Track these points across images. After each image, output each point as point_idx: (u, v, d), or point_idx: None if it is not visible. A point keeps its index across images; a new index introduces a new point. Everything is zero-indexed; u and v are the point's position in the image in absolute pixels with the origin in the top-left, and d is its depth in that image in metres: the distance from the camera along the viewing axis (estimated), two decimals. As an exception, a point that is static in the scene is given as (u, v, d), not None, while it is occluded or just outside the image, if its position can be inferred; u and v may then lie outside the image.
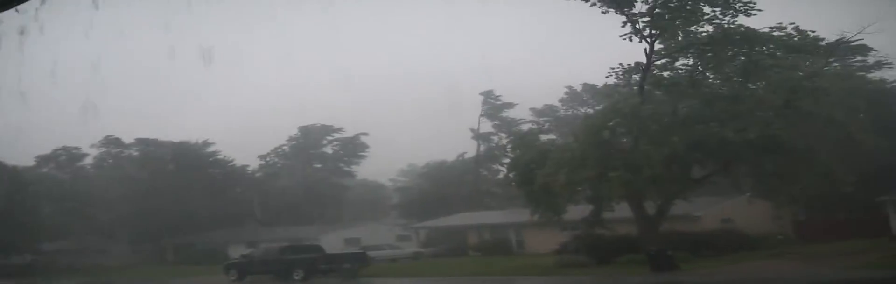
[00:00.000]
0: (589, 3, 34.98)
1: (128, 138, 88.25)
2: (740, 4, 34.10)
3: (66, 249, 76.09)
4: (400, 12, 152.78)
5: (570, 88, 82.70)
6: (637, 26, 35.23)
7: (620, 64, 38.13)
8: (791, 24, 34.26)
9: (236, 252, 57.92)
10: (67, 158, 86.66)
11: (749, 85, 35.64)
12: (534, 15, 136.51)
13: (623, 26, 35.58)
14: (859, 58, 53.80)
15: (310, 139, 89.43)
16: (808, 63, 36.46)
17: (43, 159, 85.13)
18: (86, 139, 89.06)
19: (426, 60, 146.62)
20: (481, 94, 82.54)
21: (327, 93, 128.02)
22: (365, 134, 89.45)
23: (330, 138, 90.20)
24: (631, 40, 35.56)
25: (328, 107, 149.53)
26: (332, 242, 60.28)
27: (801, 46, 34.33)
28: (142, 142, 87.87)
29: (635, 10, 35.01)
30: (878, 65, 54.24)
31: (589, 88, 78.92)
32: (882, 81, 52.90)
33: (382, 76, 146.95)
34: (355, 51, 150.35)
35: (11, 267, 66.64)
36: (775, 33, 34.00)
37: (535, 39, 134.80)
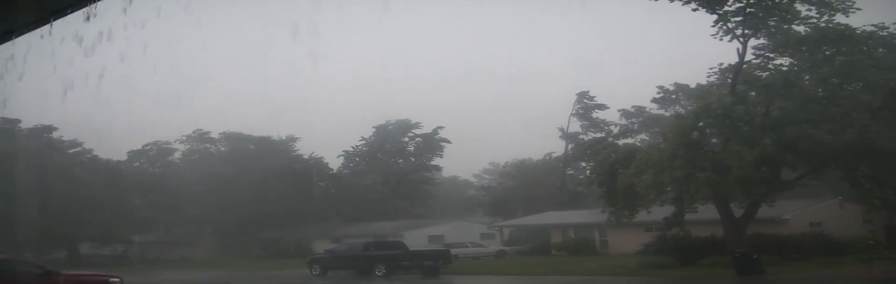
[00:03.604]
0: (681, 3, 34.62)
1: (213, 133, 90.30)
2: (839, 3, 33.39)
3: (156, 241, 77.85)
4: (493, 10, 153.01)
5: (661, 88, 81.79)
6: (729, 25, 34.80)
7: (719, 64, 37.89)
8: (894, 23, 33.44)
9: (320, 247, 58.45)
10: (158, 152, 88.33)
11: (845, 86, 34.86)
12: (632, 15, 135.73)
13: (714, 26, 35.24)
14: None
15: (388, 135, 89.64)
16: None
17: (135, 154, 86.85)
18: (175, 134, 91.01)
19: (521, 61, 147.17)
20: (577, 94, 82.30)
21: (422, 92, 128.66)
22: (442, 128, 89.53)
23: (411, 134, 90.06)
24: (721, 40, 35.20)
25: (422, 106, 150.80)
26: (416, 238, 60.65)
27: (901, 45, 33.52)
28: (228, 137, 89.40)
29: (728, 9, 34.55)
30: None
31: (681, 88, 78.06)
32: None
33: (471, 75, 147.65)
34: (453, 50, 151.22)
35: (103, 257, 68.55)
36: (880, 33, 33.20)
37: (632, 40, 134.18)
